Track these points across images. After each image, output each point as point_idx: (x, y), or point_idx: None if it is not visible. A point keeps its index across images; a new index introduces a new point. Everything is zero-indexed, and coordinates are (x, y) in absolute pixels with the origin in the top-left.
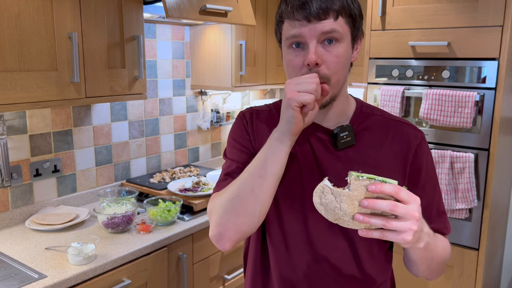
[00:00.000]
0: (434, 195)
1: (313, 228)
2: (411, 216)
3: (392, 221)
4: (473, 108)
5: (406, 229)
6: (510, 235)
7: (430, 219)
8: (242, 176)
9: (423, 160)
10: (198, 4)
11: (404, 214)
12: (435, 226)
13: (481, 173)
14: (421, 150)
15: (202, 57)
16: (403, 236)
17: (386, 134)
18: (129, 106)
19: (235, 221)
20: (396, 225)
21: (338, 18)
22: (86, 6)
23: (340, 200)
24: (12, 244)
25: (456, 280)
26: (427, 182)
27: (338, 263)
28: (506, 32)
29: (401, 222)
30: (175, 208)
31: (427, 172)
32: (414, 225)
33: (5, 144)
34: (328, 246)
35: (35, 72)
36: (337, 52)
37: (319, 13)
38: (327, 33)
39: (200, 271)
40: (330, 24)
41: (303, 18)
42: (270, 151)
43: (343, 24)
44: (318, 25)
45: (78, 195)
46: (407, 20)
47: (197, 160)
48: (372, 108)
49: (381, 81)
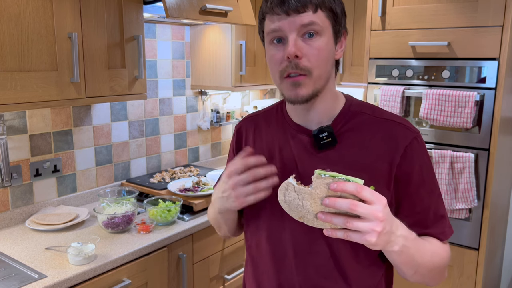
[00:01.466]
0: (431, 199)
1: (293, 233)
2: (374, 216)
3: (354, 221)
4: (473, 108)
5: (368, 230)
6: (510, 235)
7: (426, 225)
8: (210, 207)
9: (414, 162)
10: (198, 4)
11: (365, 214)
12: (432, 231)
13: (481, 173)
14: (411, 152)
15: (202, 57)
16: (366, 237)
17: (374, 134)
18: (129, 106)
19: (219, 231)
20: (357, 225)
21: (317, 11)
22: (86, 6)
23: (303, 198)
24: (12, 244)
25: (456, 280)
26: (421, 185)
27: (320, 268)
28: (506, 32)
29: (363, 222)
30: (175, 208)
31: (421, 175)
32: (377, 226)
33: (5, 144)
34: (309, 251)
35: (35, 72)
36: (317, 45)
37: (297, 6)
38: (306, 26)
39: (200, 271)
40: (309, 17)
41: (282, 12)
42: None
43: (323, 17)
44: (297, 18)
45: (78, 195)
46: (407, 20)
47: (197, 160)
48: (363, 106)
49: (381, 81)
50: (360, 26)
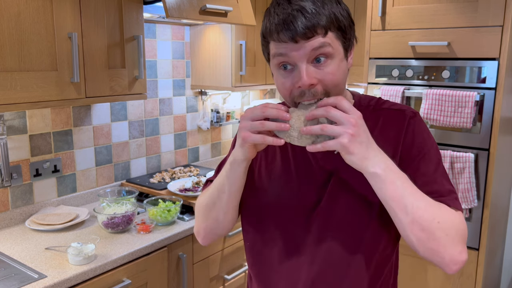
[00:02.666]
0: (436, 173)
1: (294, 238)
2: (346, 120)
3: (328, 125)
4: (473, 108)
5: (341, 132)
6: (510, 235)
7: (434, 195)
8: (210, 188)
9: (414, 136)
10: (198, 4)
11: (338, 117)
12: (441, 199)
13: (481, 173)
14: (411, 128)
15: (202, 57)
16: (339, 139)
17: (376, 123)
18: (129, 106)
19: (206, 225)
20: (331, 128)
21: (328, 34)
22: (86, 6)
23: (292, 117)
24: (12, 244)
25: (456, 280)
26: (422, 159)
27: (326, 269)
28: (506, 32)
29: (337, 126)
30: (175, 208)
31: (421, 148)
32: (349, 128)
33: (5, 144)
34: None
35: (35, 72)
36: (331, 70)
37: (305, 32)
38: (317, 49)
39: (200, 271)
40: (319, 41)
41: (289, 39)
42: (229, 171)
43: (333, 38)
44: (307, 45)
45: (78, 195)
46: (407, 20)
47: (197, 160)
48: (370, 98)
49: (381, 81)
50: (360, 26)
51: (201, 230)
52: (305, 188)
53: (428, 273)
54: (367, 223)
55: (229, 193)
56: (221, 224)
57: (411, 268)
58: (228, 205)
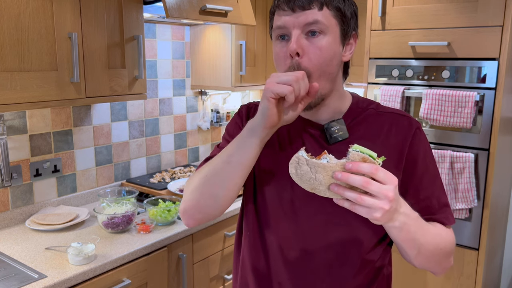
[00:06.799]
0: (434, 187)
1: (304, 225)
2: (384, 195)
3: (365, 197)
4: (473, 108)
5: (377, 207)
6: (510, 235)
7: (430, 211)
8: (213, 160)
9: (419, 150)
10: (198, 4)
11: (377, 192)
12: (436, 217)
13: (481, 173)
14: (416, 141)
15: (202, 57)
16: (372, 213)
17: (381, 127)
18: (129, 106)
19: (199, 201)
20: (368, 201)
21: (323, 9)
22: (86, 6)
23: (316, 171)
24: (12, 244)
25: (456, 280)
26: (425, 173)
27: (328, 260)
28: (506, 32)
29: (374, 199)
30: (175, 208)
31: (424, 163)
32: (386, 204)
33: (5, 144)
34: (319, 242)
35: (35, 72)
36: (320, 44)
37: (303, 2)
38: (310, 24)
39: (200, 271)
40: (314, 15)
41: (288, 8)
42: (241, 140)
43: (329, 16)
44: (302, 15)
45: (78, 195)
46: (407, 20)
47: (197, 160)
48: (368, 102)
49: (381, 81)
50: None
51: (191, 208)
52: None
53: (428, 273)
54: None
55: (237, 164)
56: (218, 202)
57: (411, 268)
58: (231, 181)
